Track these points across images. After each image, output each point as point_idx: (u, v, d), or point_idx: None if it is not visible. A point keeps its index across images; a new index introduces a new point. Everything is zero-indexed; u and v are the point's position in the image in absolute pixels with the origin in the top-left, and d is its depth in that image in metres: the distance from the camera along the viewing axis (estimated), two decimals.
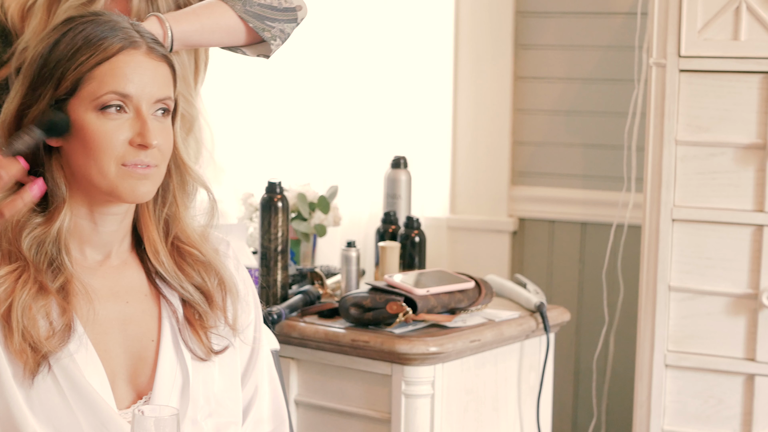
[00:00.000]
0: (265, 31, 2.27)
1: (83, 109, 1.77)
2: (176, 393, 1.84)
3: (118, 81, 1.77)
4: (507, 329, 2.93)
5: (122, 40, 1.79)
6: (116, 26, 1.81)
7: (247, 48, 2.35)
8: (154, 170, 1.80)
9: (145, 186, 1.80)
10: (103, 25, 1.81)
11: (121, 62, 1.78)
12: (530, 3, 3.73)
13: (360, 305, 2.82)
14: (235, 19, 2.25)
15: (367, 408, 2.83)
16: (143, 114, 1.78)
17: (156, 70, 1.81)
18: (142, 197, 1.81)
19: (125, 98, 1.78)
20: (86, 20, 1.82)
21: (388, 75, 3.81)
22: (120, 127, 1.78)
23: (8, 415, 1.74)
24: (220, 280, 1.92)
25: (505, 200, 3.78)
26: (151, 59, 1.81)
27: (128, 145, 1.78)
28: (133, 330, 1.86)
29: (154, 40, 1.84)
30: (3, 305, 1.75)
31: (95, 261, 1.86)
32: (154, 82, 1.80)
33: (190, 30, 2.17)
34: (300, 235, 3.48)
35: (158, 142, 1.79)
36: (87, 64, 1.77)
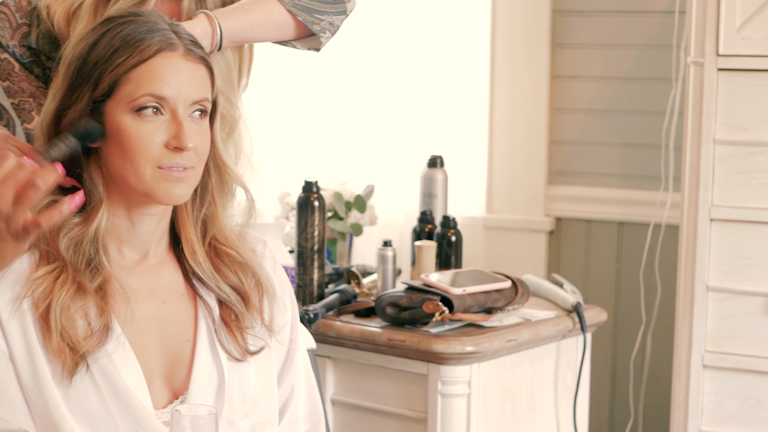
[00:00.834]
0: (314, 24, 2.24)
1: (120, 111, 1.78)
2: (212, 393, 1.85)
3: (155, 83, 1.77)
4: (543, 329, 2.92)
5: (159, 41, 1.79)
6: (154, 27, 1.81)
7: (297, 42, 2.33)
8: (190, 172, 1.81)
9: (181, 189, 1.80)
10: (141, 26, 1.81)
11: (158, 64, 1.78)
12: (567, 2, 3.72)
13: (396, 304, 2.82)
14: (284, 14, 2.23)
15: (403, 407, 2.83)
16: (179, 116, 1.79)
17: (193, 72, 1.81)
18: (177, 200, 1.81)
19: (161, 100, 1.78)
20: (125, 21, 1.82)
21: (425, 74, 3.80)
22: (156, 129, 1.78)
23: (47, 413, 1.75)
24: (257, 280, 1.93)
25: (542, 199, 3.77)
26: (188, 61, 1.81)
27: (164, 147, 1.78)
28: (170, 330, 1.86)
29: (192, 42, 1.84)
30: (42, 305, 1.75)
31: (133, 260, 1.87)
32: (191, 83, 1.80)
33: (239, 26, 2.16)
34: (336, 234, 3.48)
35: (194, 144, 1.79)
36: (124, 65, 1.78)
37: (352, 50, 3.85)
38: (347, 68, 3.88)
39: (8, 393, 1.75)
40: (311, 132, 3.96)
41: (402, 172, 3.80)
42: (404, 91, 3.82)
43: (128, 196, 1.82)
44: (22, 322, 1.76)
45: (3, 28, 2.20)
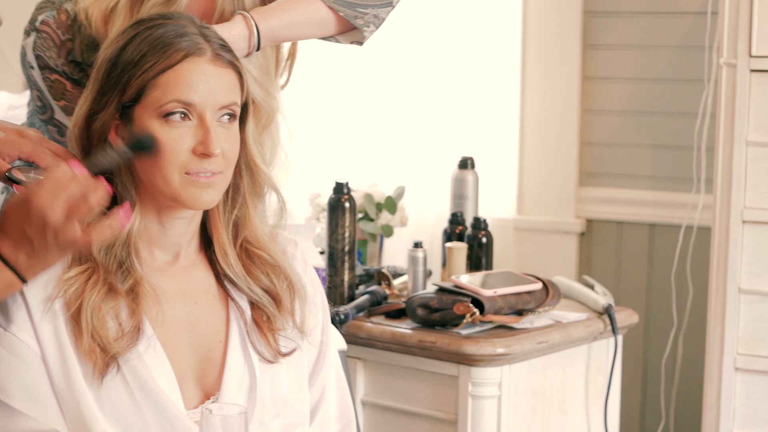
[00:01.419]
0: (357, 18, 2.20)
1: (147, 116, 1.78)
2: (243, 394, 1.85)
3: (182, 89, 1.77)
4: (574, 331, 2.91)
5: (187, 46, 1.79)
6: (183, 31, 1.81)
7: (339, 36, 2.29)
8: (218, 177, 1.80)
9: (209, 194, 1.80)
10: (170, 30, 1.80)
11: (185, 70, 1.78)
12: (599, 3, 3.71)
13: (427, 306, 2.82)
14: (324, 10, 2.19)
15: (433, 409, 2.83)
16: (207, 122, 1.78)
17: (221, 77, 1.81)
18: (205, 205, 1.81)
19: (189, 106, 1.78)
20: (154, 24, 1.82)
21: (455, 75, 3.80)
22: (183, 135, 1.78)
23: (78, 413, 1.75)
24: (289, 282, 1.93)
25: (573, 201, 3.76)
26: (216, 66, 1.81)
27: (191, 153, 1.78)
28: (201, 330, 1.87)
29: (221, 46, 1.83)
30: (73, 306, 1.76)
31: (164, 262, 1.87)
32: (219, 88, 1.80)
33: (278, 25, 2.12)
34: (367, 236, 3.48)
35: (222, 149, 1.79)
36: (151, 71, 1.78)
37: (383, 52, 3.85)
38: (378, 70, 3.88)
39: (40, 393, 1.75)
40: (342, 133, 3.96)
41: (433, 173, 3.80)
42: (435, 92, 3.82)
43: (158, 200, 1.82)
44: (53, 323, 1.77)
45: (48, 48, 2.19)
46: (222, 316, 1.89)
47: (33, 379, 1.75)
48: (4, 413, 1.75)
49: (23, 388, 1.75)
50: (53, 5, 2.21)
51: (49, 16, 2.19)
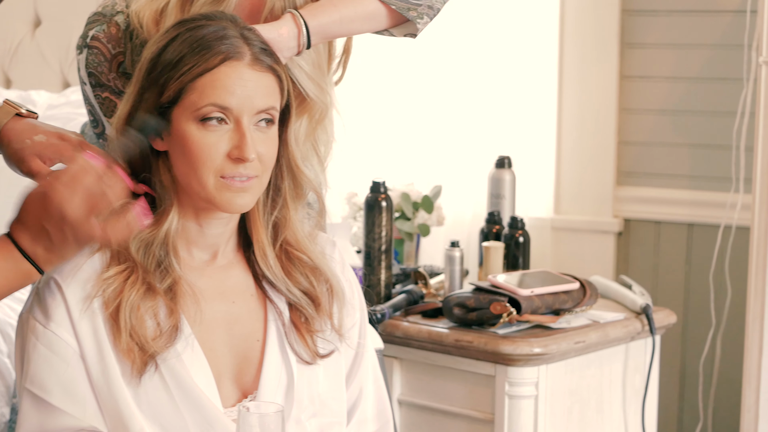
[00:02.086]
0: (410, 10, 2.15)
1: (185, 119, 1.78)
2: (281, 393, 1.86)
3: (219, 93, 1.77)
4: (612, 331, 2.90)
5: (226, 50, 1.78)
6: (223, 34, 1.80)
7: (393, 29, 2.25)
8: (254, 182, 1.80)
9: (243, 198, 1.80)
10: (210, 32, 1.80)
11: (223, 74, 1.78)
12: (637, 1, 3.69)
13: (464, 305, 2.82)
14: (375, 4, 2.14)
15: (470, 408, 2.82)
16: (243, 126, 1.78)
17: (259, 81, 1.80)
18: (239, 209, 1.82)
19: (225, 110, 1.77)
20: (195, 25, 1.82)
21: (493, 74, 3.79)
22: (219, 139, 1.77)
23: (117, 411, 1.76)
24: (328, 285, 1.92)
25: (610, 201, 3.75)
26: (254, 70, 1.80)
27: (226, 157, 1.78)
28: (239, 329, 1.87)
29: (262, 50, 1.83)
30: (112, 305, 1.77)
31: (202, 261, 1.88)
32: (257, 93, 1.80)
33: (328, 22, 2.08)
34: (404, 235, 3.48)
35: (258, 153, 1.79)
36: (189, 74, 1.78)
37: (420, 51, 3.85)
38: (415, 69, 3.88)
39: (79, 391, 1.76)
40: (380, 132, 3.96)
41: (469, 172, 3.79)
42: (472, 91, 3.82)
43: (195, 202, 1.83)
44: (92, 321, 1.77)
45: (100, 63, 2.18)
46: (259, 316, 1.89)
47: (72, 377, 1.76)
48: (44, 410, 1.76)
49: (62, 385, 1.76)
50: (104, 18, 2.20)
51: (99, 31, 2.18)
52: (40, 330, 1.77)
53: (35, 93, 3.78)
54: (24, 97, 3.72)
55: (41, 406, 1.76)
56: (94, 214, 1.61)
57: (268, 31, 1.94)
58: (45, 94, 3.79)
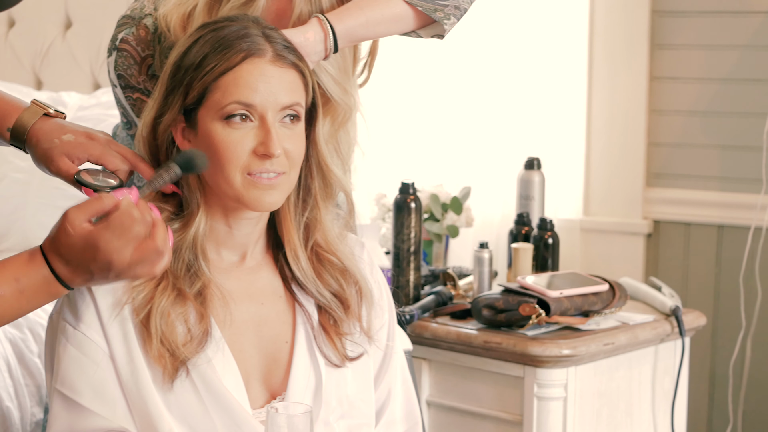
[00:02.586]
0: (437, 11, 2.14)
1: (210, 118, 1.78)
2: (309, 394, 1.86)
3: (242, 91, 1.77)
4: (641, 333, 2.89)
5: (247, 47, 1.79)
6: (244, 33, 1.81)
7: (420, 30, 2.24)
8: (282, 178, 1.80)
9: (272, 196, 1.80)
10: (232, 32, 1.80)
11: (245, 71, 1.78)
12: (667, 2, 3.68)
13: (492, 306, 2.82)
14: (402, 6, 2.13)
15: (498, 410, 2.82)
16: (268, 123, 1.78)
17: (282, 78, 1.80)
18: (268, 207, 1.82)
19: (249, 107, 1.78)
20: (217, 27, 1.83)
21: (522, 75, 3.79)
22: (244, 137, 1.78)
23: (146, 412, 1.77)
24: (358, 287, 1.92)
25: (640, 202, 3.74)
26: (276, 66, 1.80)
27: (252, 154, 1.78)
28: (268, 331, 1.87)
29: (285, 47, 1.83)
30: (142, 312, 1.77)
31: (231, 262, 1.88)
32: (280, 89, 1.80)
33: (355, 25, 2.07)
34: (432, 236, 3.48)
35: (285, 149, 1.79)
36: (212, 73, 1.78)
37: (447, 53, 3.85)
38: (444, 70, 3.88)
39: (108, 392, 1.77)
40: (408, 134, 3.96)
41: (499, 173, 3.79)
42: (501, 92, 3.81)
43: (223, 202, 1.83)
44: (122, 324, 1.78)
45: (129, 66, 2.19)
46: (288, 317, 1.90)
47: (102, 378, 1.77)
48: (74, 411, 1.77)
49: (92, 386, 1.77)
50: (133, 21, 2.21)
51: (128, 34, 2.19)
52: (70, 331, 1.78)
53: (66, 94, 3.79)
54: (55, 98, 3.74)
55: (71, 406, 1.77)
56: (141, 261, 1.63)
57: (294, 36, 1.94)
58: (76, 95, 3.81)
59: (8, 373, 2.91)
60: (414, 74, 3.92)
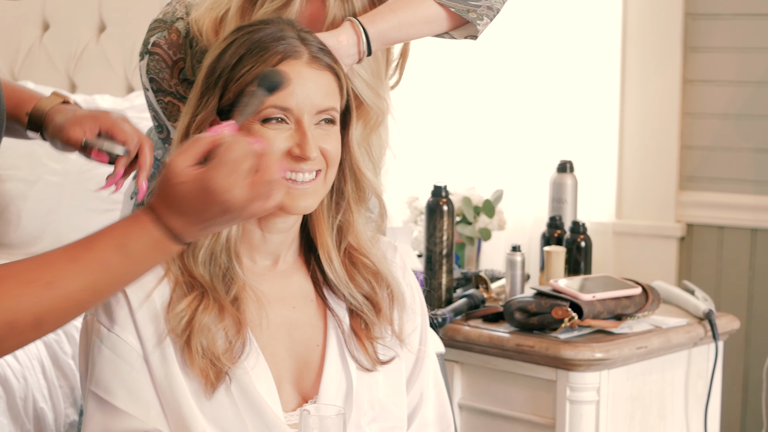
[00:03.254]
0: (469, 12, 2.13)
1: (247, 121, 1.77)
2: (340, 398, 1.86)
3: (278, 94, 1.76)
4: (674, 336, 2.88)
5: (283, 50, 1.79)
6: (280, 35, 1.81)
7: (453, 31, 2.23)
8: (318, 181, 1.80)
9: (307, 200, 1.80)
10: (267, 34, 1.81)
11: None
12: (700, 4, 3.66)
13: (525, 310, 2.81)
14: (434, 8, 2.13)
15: (531, 413, 2.82)
16: (304, 126, 1.78)
17: (318, 80, 1.80)
18: (303, 210, 1.82)
19: (286, 111, 1.78)
20: (252, 29, 1.83)
21: (555, 78, 3.78)
22: (280, 137, 1.78)
23: (179, 414, 1.77)
24: (389, 291, 1.93)
25: (673, 205, 3.73)
26: (312, 69, 1.80)
27: (288, 155, 1.78)
28: (299, 335, 1.88)
29: (320, 50, 1.83)
30: (184, 335, 1.77)
31: (264, 267, 1.88)
32: (316, 92, 1.80)
33: (388, 28, 2.07)
34: (465, 239, 3.48)
35: (321, 149, 1.79)
36: (248, 75, 1.78)
37: (480, 55, 3.85)
38: (477, 73, 3.88)
39: (142, 393, 1.78)
40: (441, 137, 3.96)
41: (531, 176, 3.78)
42: (534, 95, 3.81)
43: None
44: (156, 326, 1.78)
45: (161, 70, 2.20)
46: (319, 321, 1.90)
47: (136, 380, 1.78)
48: (108, 412, 1.77)
49: (126, 388, 1.77)
50: (164, 25, 2.21)
51: (160, 38, 2.20)
52: (104, 333, 1.79)
53: (99, 97, 3.82)
54: (89, 101, 3.76)
55: (105, 408, 1.78)
56: (255, 197, 1.52)
57: (328, 39, 1.94)
58: (109, 98, 3.83)
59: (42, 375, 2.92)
60: (446, 76, 3.92)
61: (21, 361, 2.82)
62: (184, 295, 1.78)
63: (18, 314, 1.44)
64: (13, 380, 2.84)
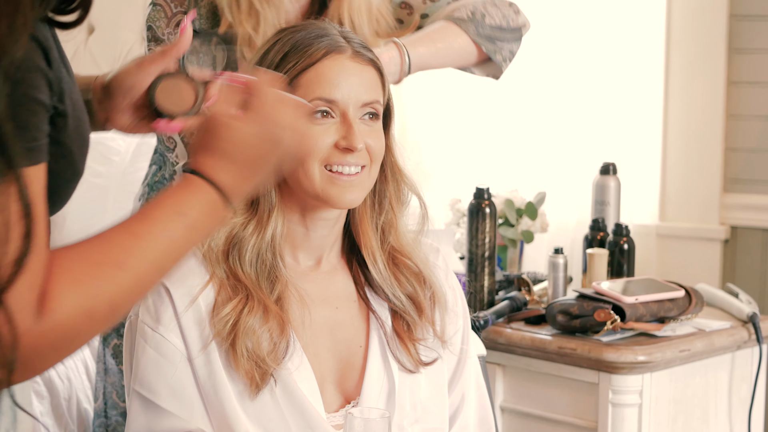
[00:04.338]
0: (497, 53, 2.29)
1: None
2: (383, 398, 1.86)
3: (324, 87, 1.79)
4: (718, 339, 2.87)
5: (327, 45, 1.81)
6: (323, 33, 1.84)
7: (475, 68, 2.37)
8: (363, 175, 1.82)
9: (353, 193, 1.81)
10: (310, 32, 1.84)
11: (326, 67, 1.81)
12: (745, 6, 3.64)
13: (567, 312, 2.81)
14: (468, 42, 2.28)
15: (573, 416, 2.81)
16: (349, 118, 1.80)
17: (362, 74, 1.83)
18: (348, 204, 1.83)
19: (331, 104, 1.80)
20: (295, 29, 1.86)
21: (598, 80, 3.77)
22: (326, 131, 1.80)
23: (223, 414, 1.78)
24: (432, 292, 1.93)
25: (717, 208, 3.70)
26: (356, 63, 1.83)
27: (334, 147, 1.80)
28: (342, 335, 1.88)
29: (361, 45, 1.86)
30: (229, 337, 1.78)
31: (307, 266, 1.89)
32: (361, 85, 1.82)
33: (427, 54, 2.21)
34: (507, 241, 3.48)
35: (366, 144, 1.81)
36: (293, 70, 1.80)
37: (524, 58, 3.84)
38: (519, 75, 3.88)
39: (186, 393, 1.79)
40: (483, 139, 3.96)
41: (574, 179, 3.78)
42: (577, 97, 3.80)
43: (303, 201, 1.84)
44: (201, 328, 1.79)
45: (159, 19, 2.32)
46: (362, 322, 1.91)
47: (179, 379, 1.79)
48: (152, 412, 1.79)
49: (170, 387, 1.79)
50: None
51: None
52: (148, 333, 1.80)
53: None
54: None
55: (149, 407, 1.79)
56: (299, 124, 1.53)
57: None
58: None
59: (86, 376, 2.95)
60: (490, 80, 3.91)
61: (65, 362, 2.85)
62: (228, 298, 1.79)
63: (95, 301, 1.29)
64: (58, 381, 2.87)
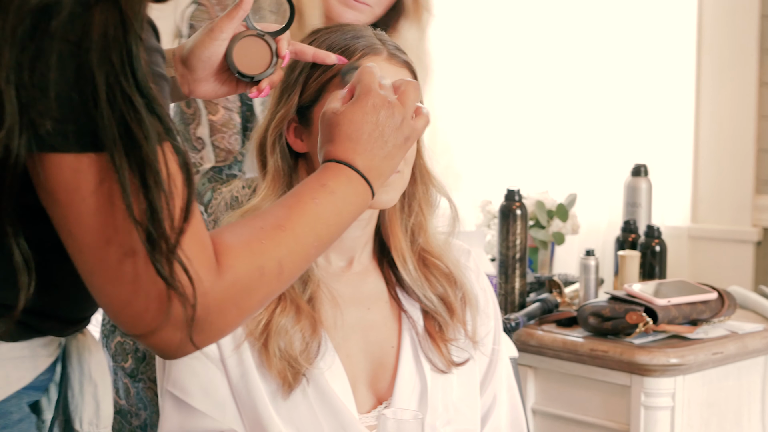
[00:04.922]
0: None
1: None
2: (415, 399, 1.86)
3: None
4: (751, 342, 2.85)
5: (364, 46, 1.82)
6: (359, 34, 1.84)
7: None
8: (396, 177, 1.82)
9: (388, 194, 1.81)
10: (346, 33, 1.84)
11: None
12: None
13: (599, 314, 2.80)
14: None
15: (605, 419, 2.80)
16: None
17: (397, 76, 1.81)
18: (383, 205, 1.83)
19: None
20: (330, 30, 1.86)
21: (628, 82, 3.76)
22: None
23: (255, 415, 1.79)
24: (463, 293, 1.93)
25: (749, 209, 3.68)
26: (392, 65, 1.83)
27: None
28: (374, 336, 1.88)
29: (396, 47, 1.86)
30: (261, 337, 1.79)
31: (339, 267, 1.89)
32: None
33: None
34: (538, 243, 3.47)
35: None
36: (329, 71, 1.80)
37: (556, 59, 3.84)
38: (551, 77, 3.87)
39: (219, 394, 1.79)
40: (513, 140, 3.96)
41: (605, 180, 3.77)
42: (608, 98, 3.79)
43: None
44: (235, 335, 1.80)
45: (202, 20, 2.31)
46: (393, 323, 1.91)
47: (212, 380, 1.79)
48: (184, 412, 1.79)
49: (202, 387, 1.79)
50: None
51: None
52: None
53: None
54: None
55: (182, 407, 1.80)
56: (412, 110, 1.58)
57: None
58: None
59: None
60: (521, 81, 3.91)
61: None
62: None
63: (264, 257, 1.33)
64: None
